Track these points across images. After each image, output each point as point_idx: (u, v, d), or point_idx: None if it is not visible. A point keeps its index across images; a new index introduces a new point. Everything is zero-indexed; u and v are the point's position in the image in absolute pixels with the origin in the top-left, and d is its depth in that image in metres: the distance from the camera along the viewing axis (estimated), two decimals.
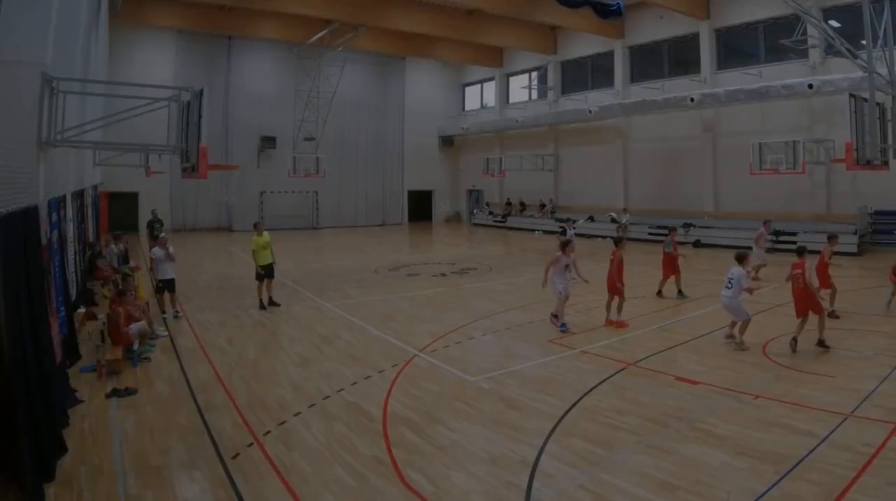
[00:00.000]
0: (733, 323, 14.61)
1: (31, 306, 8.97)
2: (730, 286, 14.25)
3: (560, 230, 25.79)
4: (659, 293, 20.82)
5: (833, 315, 16.46)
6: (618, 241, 18.74)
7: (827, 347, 13.60)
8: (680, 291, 20.75)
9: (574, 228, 26.52)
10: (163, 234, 19.63)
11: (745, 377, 12.22)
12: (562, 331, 16.15)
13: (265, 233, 20.19)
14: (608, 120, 43.80)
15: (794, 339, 13.63)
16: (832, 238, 17.72)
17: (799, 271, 13.92)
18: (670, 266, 20.92)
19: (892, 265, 17.53)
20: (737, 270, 14.29)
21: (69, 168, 17.78)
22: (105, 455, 9.05)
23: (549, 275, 16.78)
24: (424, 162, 58.33)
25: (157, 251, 18.44)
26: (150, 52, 43.79)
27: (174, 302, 18.52)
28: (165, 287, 18.42)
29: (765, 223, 24.71)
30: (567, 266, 16.93)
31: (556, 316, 16.76)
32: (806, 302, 13.90)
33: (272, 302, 19.96)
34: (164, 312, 18.17)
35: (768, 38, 35.18)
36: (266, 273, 19.85)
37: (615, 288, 17.15)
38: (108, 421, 10.39)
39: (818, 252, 17.27)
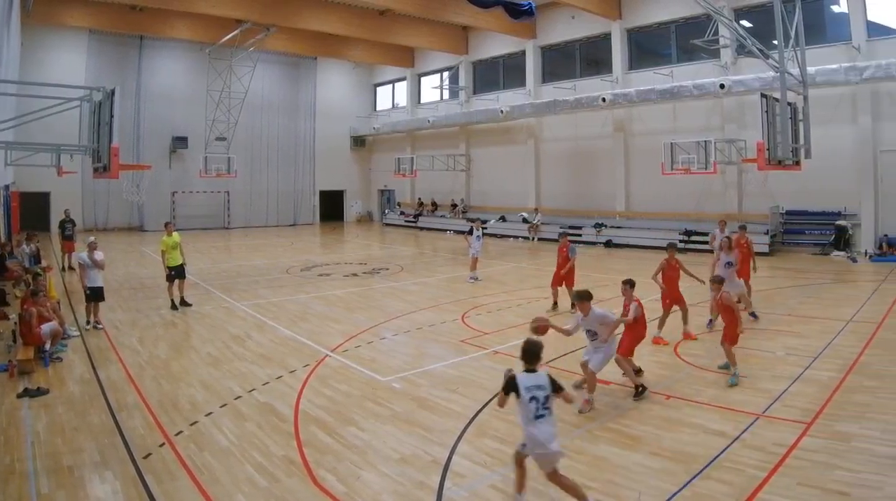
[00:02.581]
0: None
1: None
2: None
3: (467, 230, 25.61)
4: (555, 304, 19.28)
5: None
6: (670, 246, 16.38)
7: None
8: (555, 303, 19.28)
9: (484, 228, 26.16)
10: (91, 238, 17.82)
11: (657, 377, 12.24)
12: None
13: (175, 234, 19.99)
14: (520, 120, 44.11)
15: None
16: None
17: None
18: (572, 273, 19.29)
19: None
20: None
21: None
22: (17, 455, 8.97)
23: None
24: (336, 162, 58.34)
25: (84, 256, 17.21)
26: (62, 52, 43.06)
27: (96, 313, 17.30)
28: (93, 296, 17.15)
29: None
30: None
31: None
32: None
33: (184, 302, 19.80)
34: (89, 322, 17.00)
35: (680, 39, 35.66)
36: (176, 273, 19.63)
37: (677, 297, 15.61)
38: (19, 421, 10.28)
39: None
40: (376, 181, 60.78)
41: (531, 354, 7.60)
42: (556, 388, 7.38)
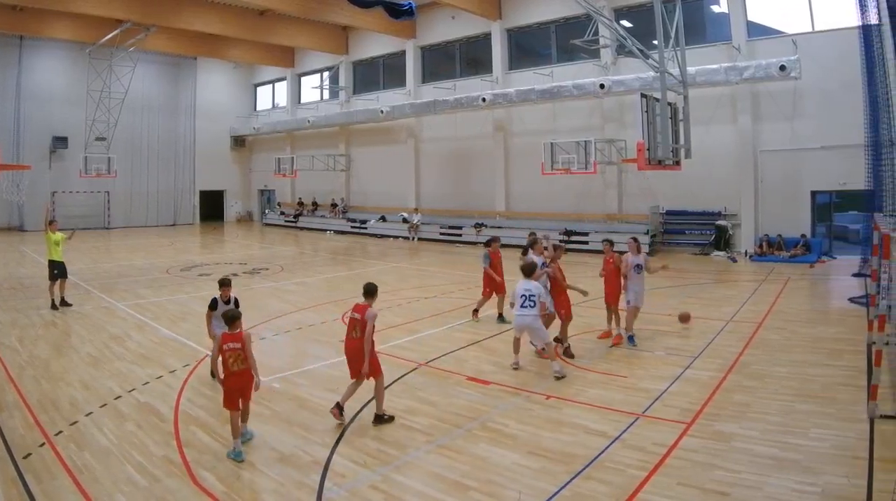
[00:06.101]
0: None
1: None
2: (531, 305, 12.22)
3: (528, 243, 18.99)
4: (475, 313, 17.56)
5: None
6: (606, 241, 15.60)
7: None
8: (500, 314, 17.33)
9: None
10: None
11: (537, 377, 12.29)
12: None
13: (58, 233, 19.60)
14: (400, 120, 43.89)
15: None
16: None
17: None
18: (491, 282, 17.36)
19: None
20: (533, 285, 12.38)
21: None
22: None
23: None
24: (216, 162, 57.52)
25: None
26: None
27: None
28: None
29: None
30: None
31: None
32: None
33: (64, 302, 19.34)
34: None
35: (560, 39, 35.90)
36: (59, 272, 19.24)
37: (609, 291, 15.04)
38: None
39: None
40: (256, 181, 60.12)
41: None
42: None
